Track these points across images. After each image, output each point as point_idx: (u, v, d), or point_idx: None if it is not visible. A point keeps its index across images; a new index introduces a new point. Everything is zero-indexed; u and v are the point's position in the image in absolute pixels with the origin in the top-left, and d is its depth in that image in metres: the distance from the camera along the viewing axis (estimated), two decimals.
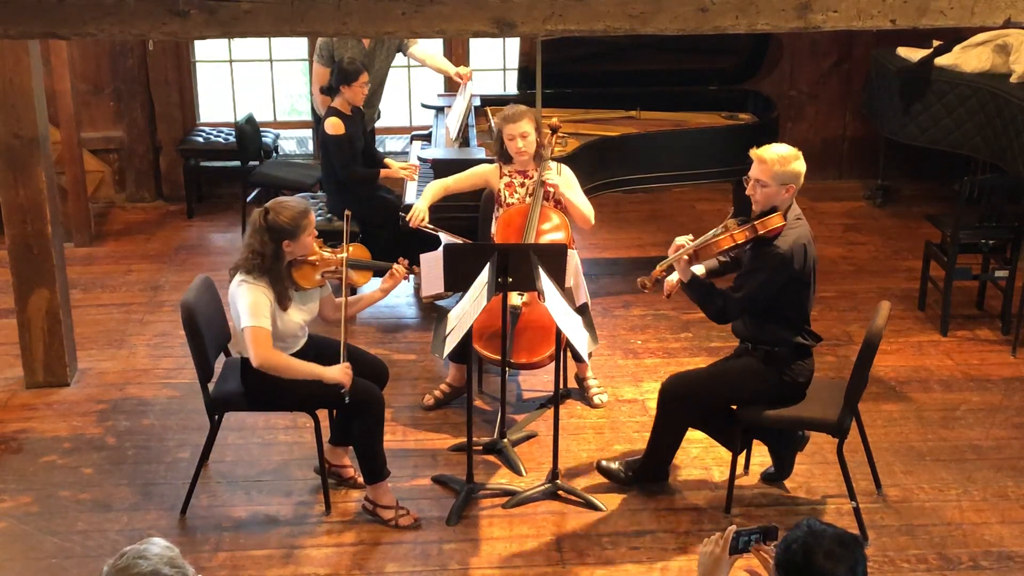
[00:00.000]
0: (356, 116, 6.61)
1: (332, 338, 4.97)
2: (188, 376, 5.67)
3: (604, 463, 5.20)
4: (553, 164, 5.65)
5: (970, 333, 6.57)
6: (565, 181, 5.64)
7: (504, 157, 5.64)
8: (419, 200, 5.74)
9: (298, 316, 4.76)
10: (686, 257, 4.70)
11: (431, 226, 5.66)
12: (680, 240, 4.77)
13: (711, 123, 7.28)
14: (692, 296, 4.81)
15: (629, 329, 6.61)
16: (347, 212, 5.10)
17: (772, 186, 4.62)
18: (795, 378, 4.77)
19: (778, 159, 4.61)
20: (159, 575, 2.71)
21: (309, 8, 3.92)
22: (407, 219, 5.67)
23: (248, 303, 4.59)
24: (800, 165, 4.65)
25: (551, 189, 5.51)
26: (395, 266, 5.02)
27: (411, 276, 5.05)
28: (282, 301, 4.67)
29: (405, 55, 7.25)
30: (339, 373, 4.68)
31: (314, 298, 4.87)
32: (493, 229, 5.69)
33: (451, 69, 7.20)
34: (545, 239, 5.44)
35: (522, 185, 5.62)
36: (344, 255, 4.86)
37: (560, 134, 5.76)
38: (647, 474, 5.10)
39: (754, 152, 4.68)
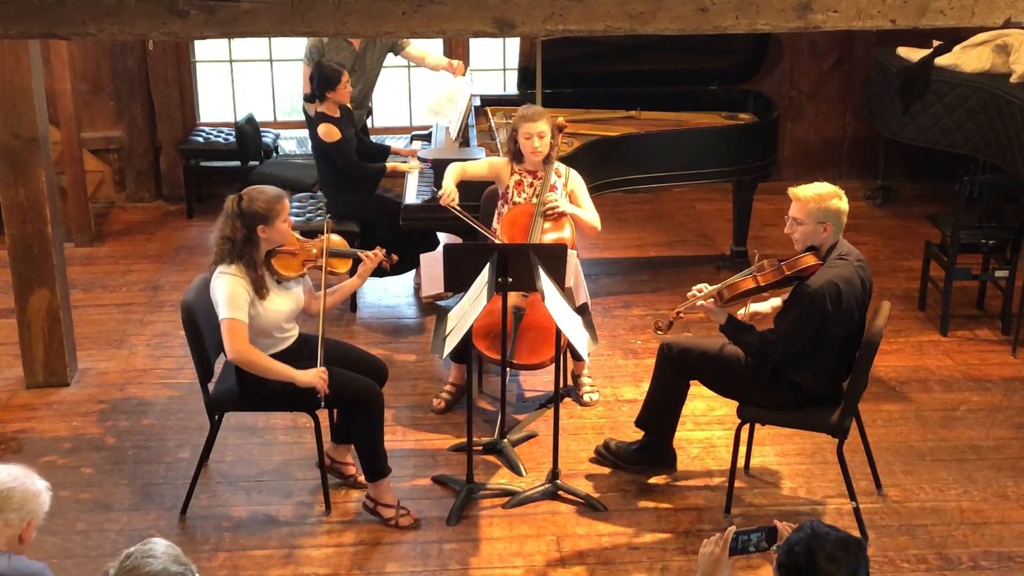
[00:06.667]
0: (345, 115, 6.61)
1: (330, 338, 4.97)
2: (188, 376, 5.66)
3: (607, 444, 5.22)
4: (561, 167, 5.64)
5: (970, 333, 6.57)
6: (573, 186, 5.64)
7: (516, 156, 5.61)
8: (447, 180, 5.57)
9: (283, 305, 4.71)
10: (705, 303, 4.71)
11: (459, 208, 5.50)
12: (697, 288, 4.78)
13: (711, 123, 7.28)
14: (730, 338, 4.80)
15: (629, 329, 6.61)
16: (327, 221, 4.99)
17: (808, 224, 4.60)
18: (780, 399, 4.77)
19: (814, 197, 4.59)
20: (169, 572, 2.74)
21: (309, 8, 3.92)
22: (438, 197, 5.52)
23: (225, 295, 4.55)
24: (839, 203, 4.60)
25: (554, 213, 5.49)
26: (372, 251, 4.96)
27: (389, 264, 4.99)
28: (259, 289, 4.61)
29: (399, 56, 7.24)
30: (313, 377, 4.60)
31: (298, 289, 4.84)
32: (495, 224, 5.68)
33: (444, 62, 7.23)
34: (548, 238, 5.44)
35: (531, 185, 5.60)
36: (325, 242, 4.82)
37: (566, 133, 5.75)
38: (651, 446, 5.11)
39: (791, 190, 4.66)
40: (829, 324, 4.55)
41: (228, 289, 4.56)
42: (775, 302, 4.91)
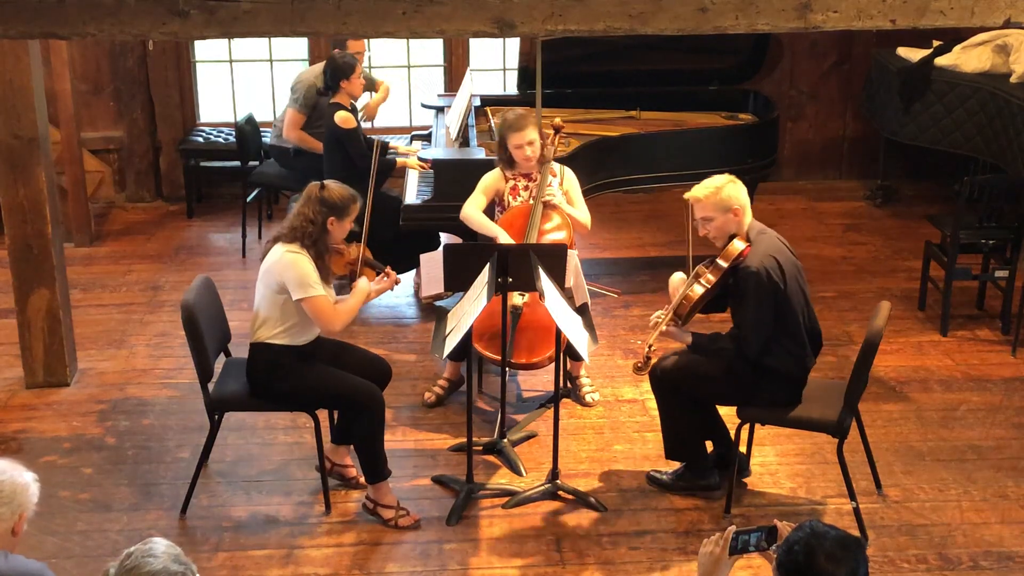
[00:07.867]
0: (354, 109, 6.64)
1: (334, 339, 5.01)
2: (188, 376, 5.67)
3: (653, 473, 5.16)
4: (556, 166, 5.64)
5: (970, 333, 6.57)
6: (568, 185, 5.63)
7: (508, 163, 5.60)
8: (502, 237, 5.43)
9: (330, 299, 4.79)
10: (667, 328, 4.72)
11: None
12: (655, 317, 4.80)
13: (711, 123, 7.29)
14: (703, 355, 4.79)
15: (629, 329, 6.60)
16: (365, 225, 5.15)
17: (718, 216, 4.69)
18: (774, 392, 4.76)
19: (709, 191, 4.68)
20: (169, 572, 2.75)
21: (309, 8, 3.92)
22: None
23: (298, 274, 4.62)
24: (733, 188, 4.68)
25: (551, 204, 5.47)
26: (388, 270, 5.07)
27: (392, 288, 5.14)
28: (324, 278, 4.70)
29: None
30: (388, 283, 4.95)
31: (331, 290, 4.89)
32: None
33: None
34: (547, 239, 5.44)
35: (526, 188, 5.60)
36: (362, 251, 5.00)
37: (563, 134, 5.75)
38: (688, 473, 5.06)
39: (687, 195, 4.75)
40: (784, 298, 4.58)
41: (301, 268, 4.63)
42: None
